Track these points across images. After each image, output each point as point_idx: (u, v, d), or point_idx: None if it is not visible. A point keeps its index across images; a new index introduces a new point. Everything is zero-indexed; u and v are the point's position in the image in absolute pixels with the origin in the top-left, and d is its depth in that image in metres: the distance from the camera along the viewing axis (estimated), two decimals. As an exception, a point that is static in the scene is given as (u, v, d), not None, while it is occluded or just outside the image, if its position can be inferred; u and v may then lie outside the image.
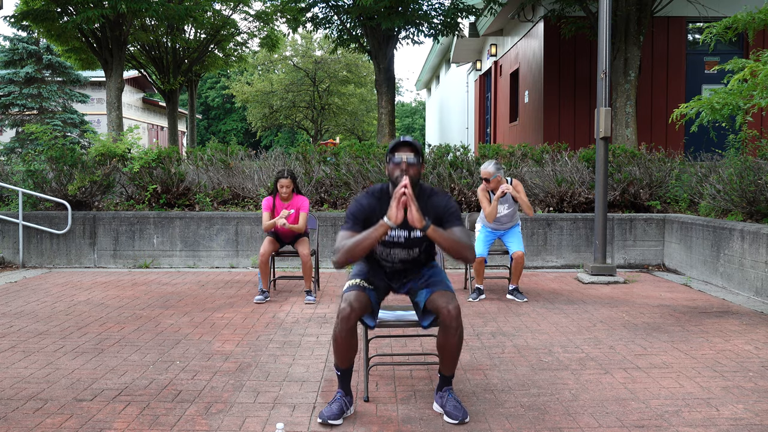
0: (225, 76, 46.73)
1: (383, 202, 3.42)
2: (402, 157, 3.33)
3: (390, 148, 3.38)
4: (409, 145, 3.35)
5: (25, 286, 7.19)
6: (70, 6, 14.10)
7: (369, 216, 3.40)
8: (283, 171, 6.37)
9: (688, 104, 6.49)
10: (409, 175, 3.29)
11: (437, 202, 3.46)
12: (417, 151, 3.35)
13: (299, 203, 6.41)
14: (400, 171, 3.31)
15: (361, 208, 3.42)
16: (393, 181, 3.35)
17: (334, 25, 14.93)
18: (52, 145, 9.04)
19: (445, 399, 3.49)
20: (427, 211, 3.42)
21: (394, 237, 3.44)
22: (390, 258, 3.57)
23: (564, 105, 13.53)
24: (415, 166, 3.33)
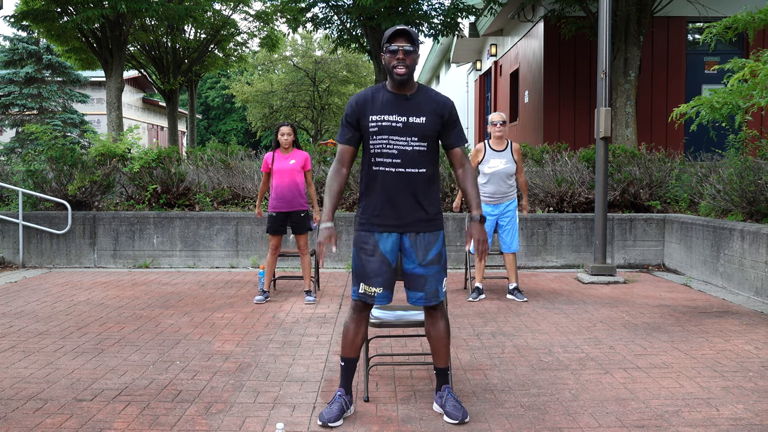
0: (225, 76, 46.73)
1: (378, 94, 3.39)
2: (399, 46, 3.29)
3: (386, 37, 3.33)
4: (405, 34, 3.32)
5: (25, 286, 7.19)
6: (70, 6, 14.10)
7: (360, 111, 3.37)
8: (284, 121, 6.63)
9: (688, 104, 6.49)
10: (405, 64, 3.29)
11: (440, 98, 3.42)
12: (413, 40, 3.32)
13: (302, 158, 6.35)
14: (396, 59, 3.29)
15: (351, 108, 3.40)
16: (389, 69, 3.32)
17: (334, 25, 14.93)
18: (52, 145, 9.04)
19: (444, 399, 3.49)
20: (427, 102, 3.38)
21: (391, 122, 3.33)
22: (388, 149, 3.32)
23: (564, 105, 13.53)
24: (411, 55, 3.31)
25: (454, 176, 3.46)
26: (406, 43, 3.29)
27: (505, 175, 6.36)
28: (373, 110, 3.34)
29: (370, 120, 3.33)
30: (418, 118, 3.33)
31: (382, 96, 3.37)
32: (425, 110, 3.35)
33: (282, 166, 6.27)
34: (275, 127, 6.40)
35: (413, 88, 3.39)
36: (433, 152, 3.41)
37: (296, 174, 6.29)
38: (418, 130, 3.33)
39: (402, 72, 3.28)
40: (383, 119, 3.31)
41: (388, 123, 3.32)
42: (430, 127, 3.34)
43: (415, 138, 3.33)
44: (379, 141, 3.32)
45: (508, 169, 6.35)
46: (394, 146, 3.32)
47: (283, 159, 6.31)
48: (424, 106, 3.36)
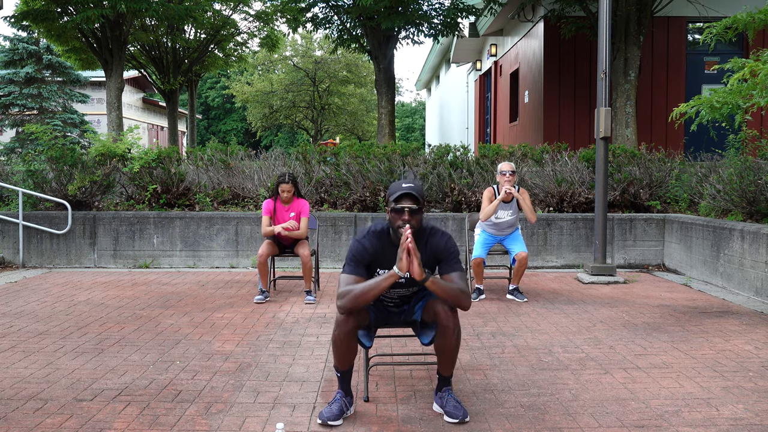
0: (225, 76, 46.73)
1: (385, 245, 3.45)
2: (404, 207, 3.33)
3: (391, 196, 3.37)
4: (410, 196, 3.35)
5: (25, 286, 7.19)
6: (70, 6, 14.10)
7: (371, 259, 3.44)
8: (284, 175, 6.34)
9: (688, 103, 6.49)
10: (411, 225, 3.31)
11: (436, 242, 3.48)
12: (418, 200, 3.36)
13: (300, 207, 6.41)
14: (402, 221, 3.33)
15: (364, 250, 3.42)
16: (394, 228, 3.37)
17: (334, 25, 14.93)
18: (52, 145, 9.04)
19: (444, 399, 3.49)
20: (426, 251, 3.46)
21: (401, 275, 3.36)
22: (390, 295, 3.65)
23: (564, 105, 13.53)
24: (417, 215, 3.35)
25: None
26: (412, 204, 3.34)
27: (511, 224, 6.53)
28: (380, 263, 3.46)
29: (378, 273, 3.47)
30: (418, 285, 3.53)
31: (388, 249, 3.45)
32: (426, 263, 3.47)
33: (282, 217, 6.40)
34: (277, 179, 6.39)
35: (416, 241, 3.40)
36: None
37: (294, 235, 6.40)
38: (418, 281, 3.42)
39: (407, 234, 3.28)
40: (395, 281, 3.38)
41: None
42: (431, 271, 3.52)
43: (415, 287, 3.60)
44: None
45: (512, 220, 6.51)
46: (395, 294, 3.64)
47: (283, 211, 6.41)
48: (425, 259, 3.46)
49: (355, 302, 3.28)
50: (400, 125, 56.77)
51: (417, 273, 3.24)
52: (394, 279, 3.27)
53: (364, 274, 3.40)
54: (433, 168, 9.29)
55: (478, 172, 9.22)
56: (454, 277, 3.41)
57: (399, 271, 3.25)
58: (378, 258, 3.44)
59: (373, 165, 9.28)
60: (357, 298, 3.27)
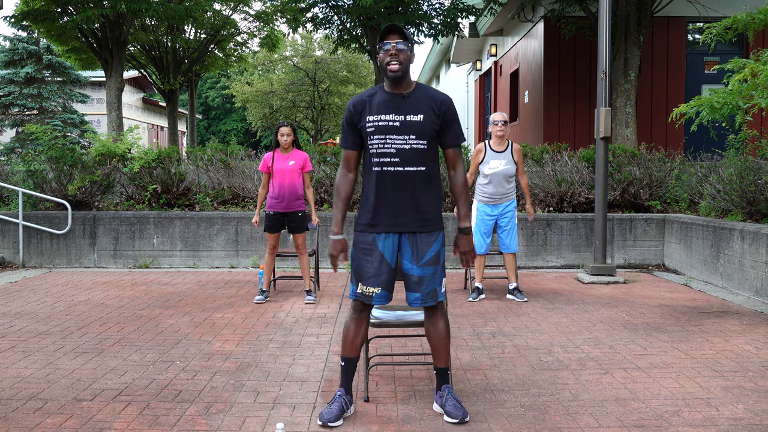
0: (225, 76, 46.74)
1: (375, 96, 3.39)
2: (391, 43, 3.30)
3: (380, 35, 3.36)
4: (397, 31, 3.33)
5: (25, 286, 7.19)
6: (70, 6, 14.09)
7: (359, 115, 3.38)
8: (284, 121, 6.45)
9: (688, 103, 6.49)
10: (399, 60, 3.29)
11: (442, 99, 3.40)
12: (406, 37, 3.33)
13: (302, 159, 6.35)
14: (389, 56, 3.30)
15: (349, 113, 3.41)
16: (384, 67, 3.33)
17: (334, 25, 14.93)
18: (52, 145, 9.03)
19: (444, 399, 3.49)
20: (424, 99, 3.37)
21: (388, 121, 3.33)
22: (386, 148, 3.32)
23: (564, 105, 13.52)
24: (404, 51, 3.31)
25: (448, 177, 3.45)
26: (399, 39, 3.30)
27: (505, 177, 6.33)
28: (370, 111, 3.35)
29: (367, 120, 3.33)
30: (415, 116, 3.31)
31: (379, 96, 3.37)
32: (422, 108, 3.34)
33: (281, 166, 6.26)
34: (275, 127, 6.40)
35: (410, 87, 3.38)
36: (432, 151, 3.39)
37: (296, 175, 6.29)
38: (415, 128, 3.31)
39: (396, 68, 3.28)
40: (380, 119, 3.31)
41: (384, 122, 3.31)
42: (427, 124, 3.32)
43: (413, 136, 3.31)
44: (376, 141, 3.32)
45: (508, 170, 6.32)
46: (392, 145, 3.31)
47: (282, 159, 6.30)
48: (421, 104, 3.35)
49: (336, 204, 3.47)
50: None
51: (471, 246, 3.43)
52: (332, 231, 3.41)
53: (355, 142, 3.41)
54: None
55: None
56: (455, 153, 3.42)
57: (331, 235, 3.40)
58: (365, 108, 3.37)
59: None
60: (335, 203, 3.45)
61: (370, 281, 3.37)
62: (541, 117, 13.69)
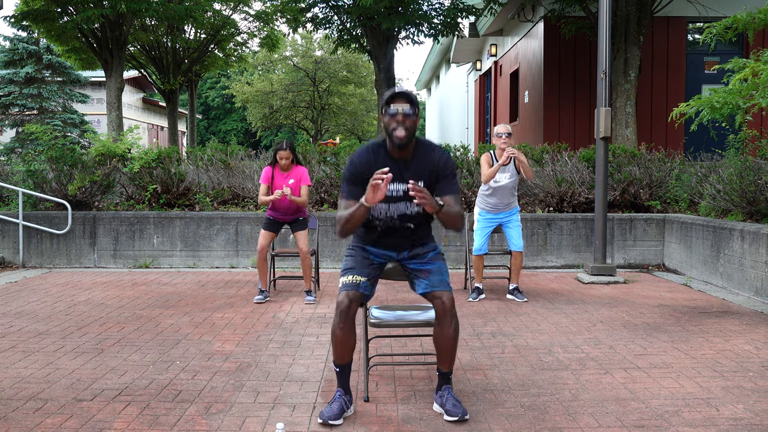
0: (225, 76, 46.74)
1: (379, 156, 3.40)
2: (398, 108, 3.30)
3: (385, 99, 3.35)
4: (404, 96, 3.33)
5: (25, 286, 7.19)
6: (70, 6, 14.10)
7: (364, 174, 3.37)
8: (282, 143, 6.28)
9: (688, 103, 6.48)
10: (405, 126, 3.29)
11: (438, 157, 3.43)
12: (412, 102, 3.33)
13: (300, 174, 6.32)
14: (396, 122, 3.30)
15: (354, 169, 3.40)
16: (389, 132, 3.33)
17: (334, 26, 14.93)
18: (52, 145, 9.04)
19: (444, 398, 3.49)
20: (425, 163, 3.41)
21: (392, 192, 3.38)
22: (390, 212, 3.46)
23: (564, 105, 13.52)
24: (411, 117, 3.31)
25: None
26: (405, 104, 3.31)
27: (509, 189, 6.39)
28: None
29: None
30: (417, 184, 3.36)
31: (383, 161, 3.39)
32: (423, 173, 3.42)
33: (281, 185, 6.24)
34: (274, 147, 6.33)
35: (411, 151, 3.41)
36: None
37: (295, 192, 6.29)
38: None
39: (401, 135, 3.28)
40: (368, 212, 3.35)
41: (390, 193, 3.39)
42: (428, 189, 3.41)
43: (413, 202, 3.42)
44: (380, 207, 3.45)
45: (512, 182, 6.38)
46: (394, 211, 3.47)
47: (282, 177, 6.29)
48: (421, 170, 3.42)
49: (343, 230, 3.36)
50: (400, 125, 56.72)
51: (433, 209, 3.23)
52: (364, 209, 3.25)
53: (358, 193, 3.37)
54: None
55: (478, 172, 9.22)
56: (451, 200, 3.40)
57: (365, 202, 3.23)
58: (371, 169, 3.34)
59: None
60: (343, 226, 3.34)
61: (357, 271, 3.47)
62: (541, 117, 13.69)
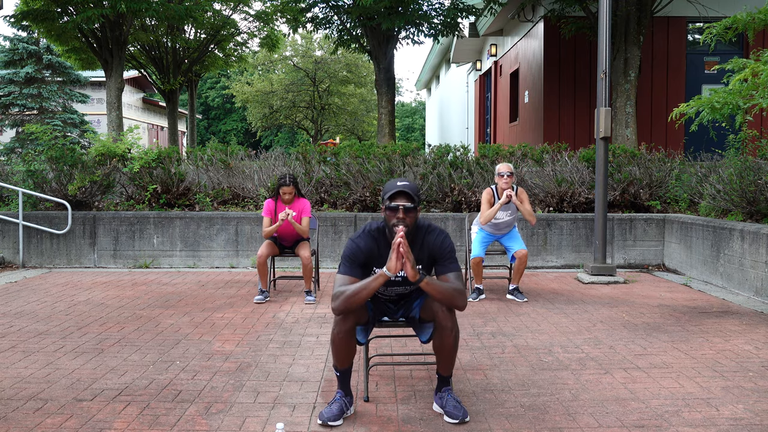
0: (225, 76, 46.75)
1: (381, 244, 3.45)
2: (399, 205, 3.31)
3: (386, 194, 3.36)
4: (405, 194, 3.34)
5: (25, 286, 7.19)
6: (70, 6, 14.10)
7: (367, 259, 3.42)
8: (285, 177, 6.28)
9: (688, 103, 6.48)
10: (405, 224, 3.31)
11: (433, 240, 3.48)
12: (413, 199, 3.34)
13: (301, 206, 6.39)
14: (396, 219, 3.32)
15: (358, 250, 3.41)
16: (389, 226, 3.37)
17: (334, 26, 14.94)
18: (52, 145, 9.03)
19: (444, 399, 3.49)
20: (423, 249, 3.47)
21: (392, 276, 3.37)
22: (387, 293, 3.66)
23: (564, 105, 13.52)
24: (411, 213, 3.33)
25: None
26: (407, 202, 3.33)
27: (509, 224, 6.54)
28: (376, 263, 3.46)
29: (374, 271, 3.45)
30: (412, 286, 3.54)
31: (383, 248, 3.44)
32: (422, 260, 3.49)
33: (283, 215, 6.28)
34: (277, 182, 6.33)
35: (410, 238, 3.40)
36: None
37: (295, 228, 6.34)
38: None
39: (401, 231, 3.28)
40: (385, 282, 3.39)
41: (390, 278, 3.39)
42: (425, 270, 3.52)
43: (411, 285, 3.56)
44: (380, 289, 3.54)
45: (511, 221, 6.52)
46: (393, 292, 3.63)
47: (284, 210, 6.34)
48: (421, 257, 3.48)
49: (347, 303, 3.27)
50: (400, 125, 56.78)
51: (410, 275, 3.23)
52: (383, 279, 3.26)
53: (359, 274, 3.39)
54: (433, 168, 9.28)
55: (478, 172, 9.22)
56: (450, 277, 3.40)
57: (388, 272, 3.24)
58: (373, 257, 3.43)
59: (373, 165, 9.28)
60: (349, 298, 3.27)
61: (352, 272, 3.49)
62: (541, 117, 13.69)
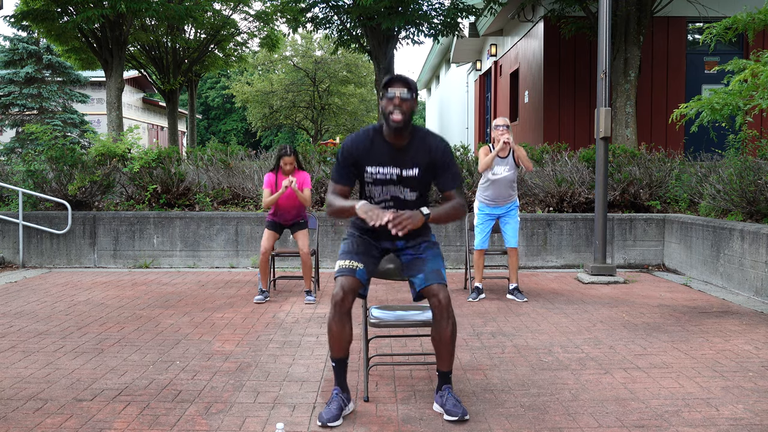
0: (225, 76, 46.73)
1: (375, 140, 3.40)
2: (395, 93, 3.30)
3: (384, 83, 3.35)
4: (402, 80, 3.34)
5: (25, 286, 7.19)
6: (70, 6, 14.10)
7: (356, 158, 3.38)
8: (285, 148, 6.28)
9: (688, 104, 6.48)
10: (402, 110, 3.30)
11: (436, 145, 3.43)
12: (410, 87, 3.34)
13: (302, 178, 6.34)
14: (393, 105, 3.30)
15: (346, 151, 3.39)
16: (386, 116, 3.33)
17: (334, 26, 14.94)
18: (52, 145, 9.04)
19: (444, 398, 3.49)
20: (422, 150, 3.41)
21: (386, 174, 3.39)
22: (382, 195, 3.47)
23: (564, 105, 13.52)
24: (408, 102, 3.32)
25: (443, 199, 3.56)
26: (403, 88, 3.32)
27: (508, 182, 6.38)
28: (368, 160, 3.39)
29: (366, 170, 3.41)
30: (411, 171, 3.42)
31: (378, 145, 3.40)
32: (419, 161, 3.42)
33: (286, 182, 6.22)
34: (277, 152, 6.34)
35: (408, 137, 3.41)
36: (425, 197, 3.52)
37: (296, 197, 6.30)
38: (411, 182, 3.43)
39: (398, 119, 3.28)
40: (378, 171, 3.39)
41: (383, 176, 3.40)
42: (422, 178, 3.45)
43: (408, 189, 3.45)
44: (375, 190, 3.46)
45: (511, 176, 6.37)
46: (388, 193, 3.46)
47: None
48: (418, 157, 3.42)
49: (334, 216, 3.42)
50: (400, 125, 56.70)
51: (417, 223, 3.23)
52: (354, 213, 3.27)
53: (349, 180, 3.41)
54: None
55: (478, 171, 9.21)
56: (454, 193, 3.45)
57: (359, 211, 3.22)
58: (364, 155, 3.37)
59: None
60: (334, 213, 3.39)
61: (356, 257, 3.45)
62: (541, 117, 13.69)
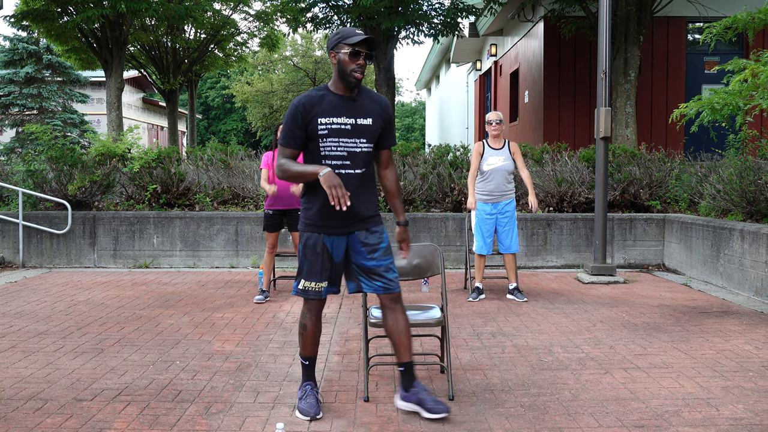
0: (225, 76, 46.74)
1: (326, 98, 3.36)
2: (362, 54, 3.30)
3: (347, 39, 3.29)
4: (370, 42, 3.33)
5: (25, 286, 7.19)
6: (70, 6, 14.10)
7: (310, 113, 3.32)
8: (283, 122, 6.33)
9: (688, 104, 6.48)
10: (363, 72, 3.33)
11: (382, 99, 3.50)
12: (375, 49, 3.39)
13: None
14: (357, 65, 3.30)
15: (295, 110, 3.33)
16: (347, 71, 3.31)
17: (334, 25, 14.92)
18: (52, 145, 9.04)
19: (420, 395, 3.44)
20: (372, 103, 3.44)
21: (341, 124, 3.34)
22: (339, 153, 3.36)
23: (564, 105, 13.52)
24: (369, 62, 3.38)
25: (379, 176, 3.60)
26: (369, 51, 3.34)
27: (504, 172, 6.37)
28: (321, 113, 3.34)
29: (320, 123, 3.33)
30: (365, 120, 3.39)
31: (329, 98, 3.37)
32: (371, 111, 3.42)
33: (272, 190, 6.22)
34: (275, 126, 6.37)
35: (357, 89, 3.43)
36: (372, 153, 3.50)
37: None
38: (365, 132, 3.39)
39: (359, 77, 3.33)
40: (332, 122, 3.34)
41: (337, 126, 3.34)
42: (375, 128, 3.43)
43: (363, 139, 3.40)
44: (329, 143, 3.35)
45: (507, 165, 6.36)
46: (344, 148, 3.36)
47: None
48: (369, 108, 3.43)
49: (290, 180, 3.42)
50: (400, 125, 56.77)
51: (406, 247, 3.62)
52: (315, 176, 3.23)
53: (299, 142, 3.36)
54: (433, 168, 9.28)
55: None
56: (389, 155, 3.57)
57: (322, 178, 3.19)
58: (317, 107, 3.33)
59: (373, 165, 9.26)
60: (292, 177, 3.37)
61: (317, 276, 3.44)
62: (541, 117, 13.69)
